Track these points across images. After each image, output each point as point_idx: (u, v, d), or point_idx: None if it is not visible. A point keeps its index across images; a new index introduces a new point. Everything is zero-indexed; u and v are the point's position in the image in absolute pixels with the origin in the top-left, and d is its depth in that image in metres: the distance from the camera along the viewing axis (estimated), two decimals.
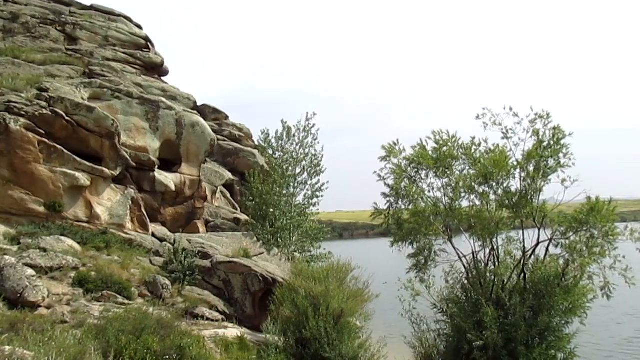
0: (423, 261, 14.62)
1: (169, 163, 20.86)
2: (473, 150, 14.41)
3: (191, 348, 9.55)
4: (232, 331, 12.80)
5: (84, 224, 16.52)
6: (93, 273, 13.15)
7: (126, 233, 17.26)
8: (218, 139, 24.37)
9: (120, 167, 18.02)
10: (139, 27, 28.45)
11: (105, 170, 17.30)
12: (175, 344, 9.46)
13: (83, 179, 16.47)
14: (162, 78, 27.87)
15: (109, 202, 17.50)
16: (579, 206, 12.95)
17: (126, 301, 12.58)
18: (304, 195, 21.85)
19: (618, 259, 12.37)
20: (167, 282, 14.33)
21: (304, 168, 21.77)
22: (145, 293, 13.84)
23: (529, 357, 12.28)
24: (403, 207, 15.02)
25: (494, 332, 12.31)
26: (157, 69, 27.39)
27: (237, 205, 26.14)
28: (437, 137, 14.70)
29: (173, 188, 20.21)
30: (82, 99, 17.91)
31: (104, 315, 10.68)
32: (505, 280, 13.65)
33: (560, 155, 13.33)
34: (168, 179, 20.15)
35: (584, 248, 12.68)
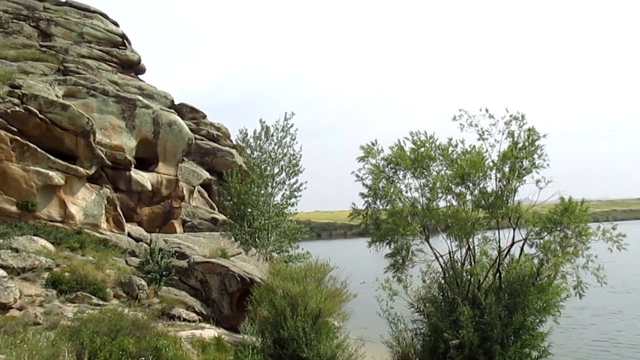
0: (400, 261, 14.75)
1: (146, 162, 20.63)
2: (450, 151, 14.58)
3: (167, 349, 9.47)
4: (209, 332, 12.70)
5: (58, 224, 16.23)
6: (67, 274, 12.93)
7: (101, 233, 17.01)
8: (196, 138, 24.19)
9: (95, 166, 17.76)
10: (115, 24, 28.07)
11: (80, 169, 17.03)
12: (151, 345, 9.37)
13: (57, 177, 16.18)
14: (139, 76, 27.53)
15: (84, 202, 17.23)
16: (553, 207, 13.19)
17: (101, 302, 12.40)
18: (282, 195, 21.91)
19: (590, 259, 12.63)
20: (143, 282, 14.18)
21: (282, 168, 21.79)
22: (121, 294, 13.67)
23: (504, 356, 12.45)
24: (381, 207, 15.14)
25: (470, 331, 12.45)
26: (133, 67, 27.04)
27: (214, 205, 25.98)
28: (415, 138, 14.84)
29: (149, 187, 19.99)
30: (57, 96, 17.60)
31: (78, 316, 10.51)
32: (481, 280, 13.83)
33: (535, 156, 13.57)
34: (144, 178, 19.93)
35: (558, 248, 12.93)
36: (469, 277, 13.89)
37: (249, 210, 20.46)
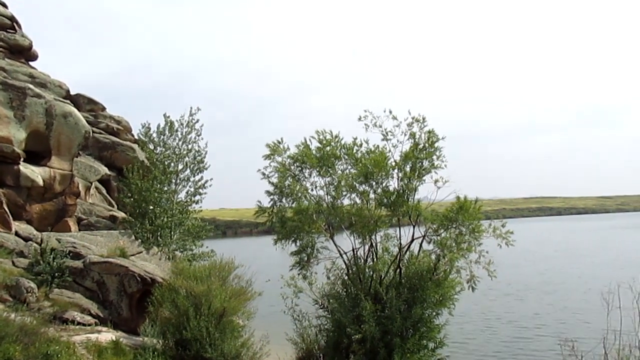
0: (306, 258, 14.93)
1: (37, 156, 19.25)
2: (355, 151, 14.95)
3: (59, 355, 8.99)
4: (106, 335, 12.14)
5: None
6: None
7: None
8: (94, 132, 22.93)
9: None
10: (4, 5, 25.92)
11: None
12: (41, 352, 8.84)
13: None
14: (31, 63, 25.64)
15: None
16: (450, 205, 13.93)
17: None
18: (187, 192, 21.38)
19: (482, 254, 13.50)
20: (33, 285, 13.26)
21: (186, 164, 21.27)
22: (7, 298, 12.70)
23: (404, 348, 12.98)
24: (287, 205, 15.22)
25: (372, 325, 12.85)
26: (24, 53, 25.11)
27: (113, 202, 24.80)
28: (321, 137, 15.06)
29: (41, 183, 18.70)
30: None
31: None
32: (383, 275, 14.31)
33: (434, 157, 14.24)
34: (35, 173, 18.61)
35: (454, 244, 13.67)
36: (372, 273, 14.34)
37: (151, 207, 19.76)
